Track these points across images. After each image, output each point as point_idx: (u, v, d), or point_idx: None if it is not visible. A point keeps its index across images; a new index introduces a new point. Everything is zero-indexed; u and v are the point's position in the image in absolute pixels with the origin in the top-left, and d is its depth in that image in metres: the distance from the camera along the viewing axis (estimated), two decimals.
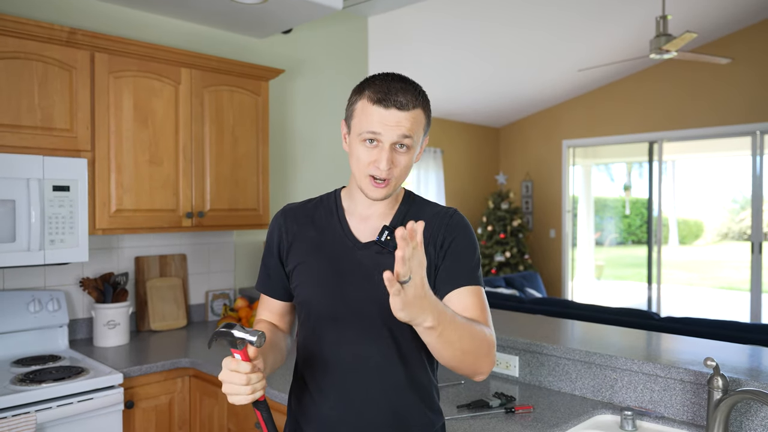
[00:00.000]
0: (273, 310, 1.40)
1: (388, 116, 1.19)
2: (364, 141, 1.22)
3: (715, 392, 1.52)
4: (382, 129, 1.19)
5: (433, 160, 7.43)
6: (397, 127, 1.19)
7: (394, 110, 1.19)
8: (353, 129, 1.26)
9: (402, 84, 1.22)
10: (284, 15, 2.93)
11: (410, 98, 1.21)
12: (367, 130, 1.21)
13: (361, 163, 1.23)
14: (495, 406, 1.79)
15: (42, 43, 2.27)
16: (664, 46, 4.29)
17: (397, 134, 1.20)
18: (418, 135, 1.23)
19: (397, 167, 1.22)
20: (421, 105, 1.23)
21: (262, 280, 1.41)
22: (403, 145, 1.21)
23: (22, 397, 1.95)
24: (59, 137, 2.33)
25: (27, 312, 2.45)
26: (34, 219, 2.20)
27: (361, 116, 1.23)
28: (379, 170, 1.21)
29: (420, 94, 1.24)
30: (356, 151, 1.24)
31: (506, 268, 7.67)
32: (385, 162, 1.20)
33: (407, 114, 1.20)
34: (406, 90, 1.21)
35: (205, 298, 3.15)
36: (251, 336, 1.11)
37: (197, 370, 2.37)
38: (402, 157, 1.23)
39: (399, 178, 1.24)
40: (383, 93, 1.20)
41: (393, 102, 1.19)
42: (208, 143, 2.78)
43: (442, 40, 5.39)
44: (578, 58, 6.31)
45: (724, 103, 6.51)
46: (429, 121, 1.29)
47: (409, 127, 1.20)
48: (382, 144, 1.20)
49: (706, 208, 8.74)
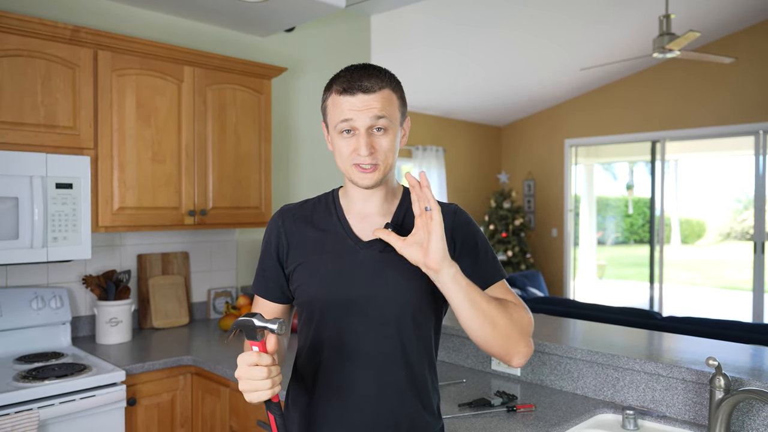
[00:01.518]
0: (267, 313, 1.38)
1: (356, 102, 1.20)
2: (341, 133, 1.23)
3: (717, 392, 1.52)
4: (353, 115, 1.20)
5: (435, 159, 7.43)
6: (367, 110, 1.20)
7: (361, 95, 1.21)
8: (330, 125, 1.27)
9: (365, 71, 1.23)
10: (287, 13, 2.93)
11: (375, 81, 1.22)
12: (340, 119, 1.22)
13: (344, 155, 1.24)
14: (497, 405, 1.79)
15: (45, 41, 2.28)
16: (667, 46, 4.28)
17: (369, 116, 1.20)
18: (392, 115, 1.23)
19: (379, 151, 1.22)
20: (389, 85, 1.24)
21: (258, 282, 1.39)
22: (380, 128, 1.22)
23: (24, 393, 1.95)
24: (62, 135, 2.33)
25: (30, 309, 2.45)
26: (37, 216, 2.20)
27: (333, 110, 1.25)
28: (361, 156, 1.21)
29: (386, 75, 1.25)
30: (337, 145, 1.25)
31: (508, 267, 7.66)
32: (365, 147, 1.20)
33: (375, 96, 1.21)
34: (369, 75, 1.23)
35: (207, 296, 3.16)
36: (272, 324, 1.09)
37: (199, 368, 2.38)
38: (382, 140, 1.23)
39: (386, 161, 1.24)
40: (347, 82, 1.22)
41: (358, 87, 1.21)
42: (210, 141, 2.78)
43: (444, 39, 5.38)
44: (581, 57, 6.30)
45: (727, 103, 6.50)
46: (404, 102, 1.29)
47: (380, 108, 1.21)
48: (359, 131, 1.21)
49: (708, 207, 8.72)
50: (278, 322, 1.09)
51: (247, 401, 1.12)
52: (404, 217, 1.32)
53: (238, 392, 2.18)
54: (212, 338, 2.72)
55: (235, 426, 2.21)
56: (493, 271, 1.31)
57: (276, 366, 1.11)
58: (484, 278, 1.28)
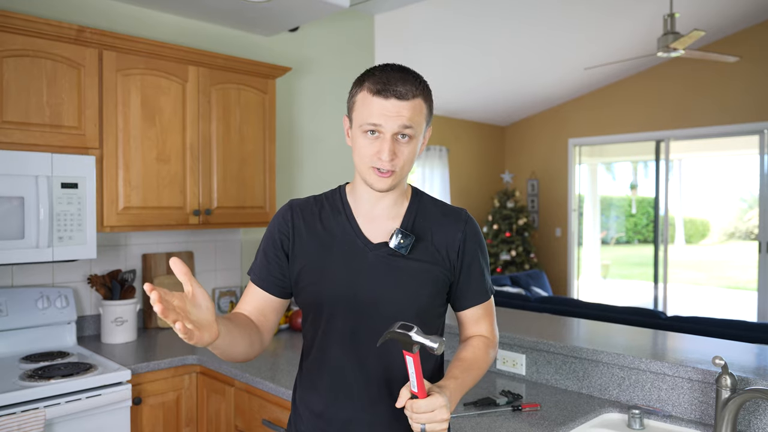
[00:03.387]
0: (257, 306, 1.32)
1: (388, 106, 1.19)
2: (365, 133, 1.22)
3: (724, 391, 1.52)
4: (383, 120, 1.19)
5: (439, 159, 7.42)
6: (397, 117, 1.19)
7: (394, 100, 1.19)
8: (354, 121, 1.25)
9: (401, 74, 1.21)
10: (291, 13, 2.93)
11: (410, 87, 1.20)
12: (368, 121, 1.20)
13: (364, 155, 1.22)
14: (502, 404, 1.79)
15: (51, 41, 2.28)
16: (671, 45, 4.27)
17: (398, 124, 1.19)
18: (419, 125, 1.22)
19: (399, 158, 1.21)
20: (421, 94, 1.22)
21: (259, 272, 1.33)
22: (405, 135, 1.21)
23: (30, 393, 1.96)
24: (68, 135, 2.34)
25: (35, 309, 2.46)
26: (42, 216, 2.21)
27: (361, 108, 1.22)
28: (382, 161, 1.20)
29: (420, 83, 1.23)
30: (358, 143, 1.23)
31: (512, 266, 7.66)
32: (387, 153, 1.19)
33: (407, 103, 1.19)
34: (405, 80, 1.21)
35: (212, 295, 3.16)
36: (432, 342, 1.05)
37: (204, 367, 2.38)
38: (404, 148, 1.22)
39: (403, 168, 1.23)
40: (382, 84, 1.19)
41: (392, 92, 1.19)
42: (215, 141, 2.79)
43: (448, 39, 5.38)
44: (585, 56, 6.29)
45: (732, 102, 6.48)
46: (431, 111, 1.28)
47: (410, 117, 1.20)
48: (384, 135, 1.20)
49: (712, 207, 8.70)
50: (438, 341, 1.06)
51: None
52: (414, 220, 1.32)
53: (243, 391, 2.19)
54: None
55: (240, 425, 2.21)
56: (482, 293, 1.37)
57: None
58: (472, 298, 1.36)
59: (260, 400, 2.11)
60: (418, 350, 1.07)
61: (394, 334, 1.09)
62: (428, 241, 1.30)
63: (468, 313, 1.37)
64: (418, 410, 1.09)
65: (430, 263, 1.28)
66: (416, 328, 1.08)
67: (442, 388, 1.16)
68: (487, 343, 1.36)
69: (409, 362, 1.08)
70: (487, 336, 1.38)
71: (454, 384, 1.21)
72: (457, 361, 1.30)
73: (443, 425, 1.10)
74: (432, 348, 1.06)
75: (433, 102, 1.29)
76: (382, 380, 1.27)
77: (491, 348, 1.37)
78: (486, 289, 1.37)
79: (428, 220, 1.32)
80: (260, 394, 2.11)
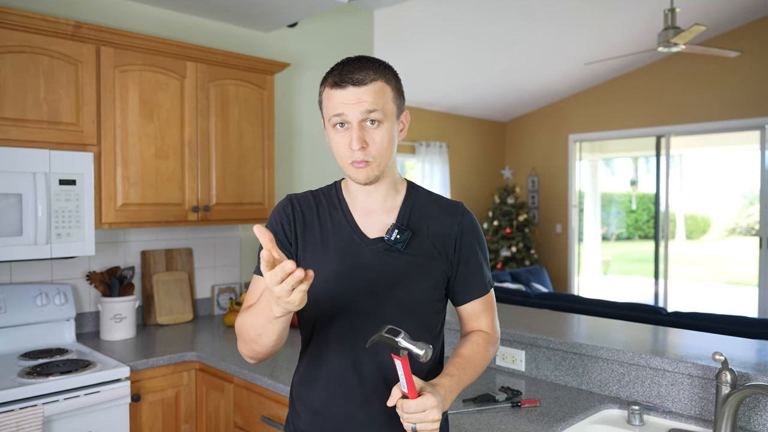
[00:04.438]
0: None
1: (347, 95, 1.19)
2: (334, 127, 1.22)
3: (724, 387, 1.51)
4: (345, 109, 1.19)
5: (439, 155, 7.41)
6: (358, 103, 1.18)
7: (351, 88, 1.19)
8: (325, 118, 1.25)
9: (358, 63, 1.22)
10: (290, 8, 2.92)
11: (367, 72, 1.20)
12: (332, 113, 1.21)
13: (339, 149, 1.23)
14: (501, 400, 1.78)
15: (48, 37, 2.27)
16: (672, 39, 4.25)
17: (360, 110, 1.18)
18: (386, 107, 1.21)
19: (371, 146, 1.20)
20: (382, 77, 1.22)
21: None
22: (373, 120, 1.20)
23: (29, 390, 1.96)
24: (65, 131, 2.33)
25: (34, 305, 2.46)
26: (40, 213, 2.20)
27: (326, 104, 1.23)
28: (352, 151, 1.19)
29: (380, 66, 1.23)
30: (333, 140, 1.24)
31: (512, 263, 7.65)
32: (356, 141, 1.18)
33: (366, 88, 1.19)
34: (362, 67, 1.21)
35: (212, 292, 3.16)
36: (418, 350, 1.04)
37: (203, 364, 2.38)
38: (375, 134, 1.20)
39: (380, 156, 1.22)
40: (339, 75, 1.20)
41: (349, 80, 1.19)
42: (213, 137, 2.78)
43: (447, 35, 5.36)
44: (585, 51, 6.27)
45: (733, 97, 6.46)
46: (399, 94, 1.26)
47: (372, 101, 1.19)
48: (351, 124, 1.20)
49: (713, 203, 8.69)
50: (425, 348, 1.05)
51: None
52: (410, 214, 1.31)
53: (242, 388, 2.19)
54: (216, 334, 2.72)
55: (240, 422, 2.21)
56: (481, 286, 1.35)
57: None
58: (472, 292, 1.34)
59: (259, 396, 2.11)
60: (407, 353, 1.06)
61: (381, 338, 1.08)
62: (424, 236, 1.29)
63: (468, 308, 1.36)
64: (409, 410, 1.08)
65: (427, 257, 1.28)
66: (403, 333, 1.07)
67: (436, 386, 1.15)
68: (487, 339, 1.35)
69: (398, 365, 1.08)
70: (488, 331, 1.37)
71: (449, 381, 1.20)
72: (455, 357, 1.29)
73: (434, 425, 1.10)
74: (418, 355, 1.05)
75: (401, 84, 1.28)
76: (379, 377, 1.26)
77: (491, 344, 1.36)
78: (485, 282, 1.36)
79: (424, 214, 1.31)
80: (259, 391, 2.11)
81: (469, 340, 1.34)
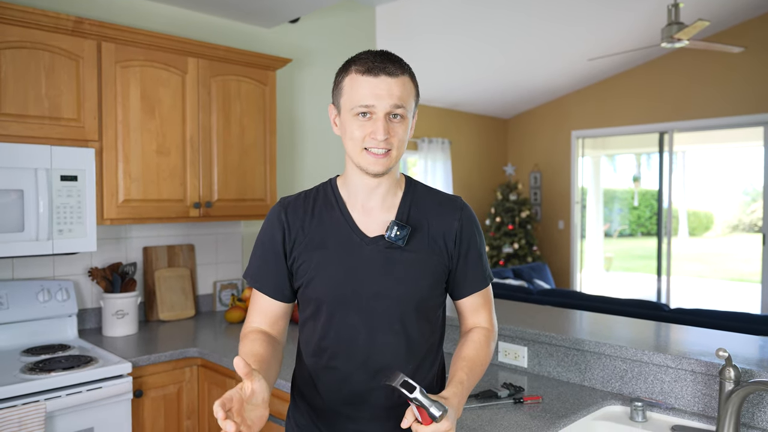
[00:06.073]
0: (267, 314, 1.32)
1: (379, 84, 1.18)
2: (357, 116, 1.20)
3: (727, 383, 1.50)
4: (375, 100, 1.18)
5: (441, 151, 7.40)
6: (389, 96, 1.18)
7: (384, 77, 1.18)
8: (344, 106, 1.23)
9: (387, 55, 1.22)
10: (292, 4, 2.91)
11: (397, 66, 1.21)
12: (360, 103, 1.19)
13: (357, 138, 1.21)
14: (503, 397, 1.78)
15: (48, 33, 2.27)
16: (675, 35, 4.23)
17: (390, 104, 1.18)
18: (409, 105, 1.22)
19: (394, 137, 1.20)
20: (408, 74, 1.23)
21: (261, 277, 1.31)
22: (397, 114, 1.20)
23: (31, 385, 1.96)
24: (67, 127, 2.33)
25: (36, 301, 2.46)
26: (42, 209, 2.20)
27: (350, 91, 1.21)
28: (377, 141, 1.18)
29: (405, 64, 1.24)
30: (349, 128, 1.21)
31: (514, 259, 7.64)
32: (382, 131, 1.18)
33: (397, 80, 1.19)
34: (392, 60, 1.21)
35: (213, 288, 3.16)
36: (436, 411, 1.03)
37: (205, 360, 2.38)
38: (398, 128, 1.21)
39: (398, 149, 1.22)
40: (371, 63, 1.19)
41: (382, 69, 1.18)
42: (215, 133, 2.77)
43: (449, 31, 5.34)
44: (588, 47, 6.24)
45: (736, 93, 6.43)
46: (417, 95, 1.27)
47: (400, 95, 1.19)
48: (376, 115, 1.19)
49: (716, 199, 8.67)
50: (441, 410, 1.03)
51: None
52: (409, 211, 1.30)
53: None
54: (218, 330, 2.72)
55: None
56: (480, 279, 1.35)
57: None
58: (471, 285, 1.34)
59: None
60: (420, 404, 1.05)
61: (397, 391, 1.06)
62: (425, 231, 1.28)
63: (467, 302, 1.35)
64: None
65: (428, 253, 1.27)
66: (419, 387, 1.05)
67: (449, 399, 1.13)
68: (487, 335, 1.35)
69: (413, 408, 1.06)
70: (487, 327, 1.36)
71: (460, 390, 1.19)
72: (461, 360, 1.27)
73: None
74: (434, 416, 1.03)
75: (418, 87, 1.28)
76: (378, 374, 1.25)
77: (492, 340, 1.36)
78: (484, 276, 1.35)
79: (423, 210, 1.30)
80: None
81: (471, 339, 1.33)
